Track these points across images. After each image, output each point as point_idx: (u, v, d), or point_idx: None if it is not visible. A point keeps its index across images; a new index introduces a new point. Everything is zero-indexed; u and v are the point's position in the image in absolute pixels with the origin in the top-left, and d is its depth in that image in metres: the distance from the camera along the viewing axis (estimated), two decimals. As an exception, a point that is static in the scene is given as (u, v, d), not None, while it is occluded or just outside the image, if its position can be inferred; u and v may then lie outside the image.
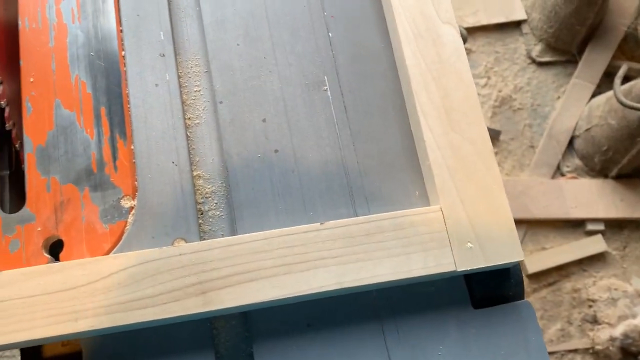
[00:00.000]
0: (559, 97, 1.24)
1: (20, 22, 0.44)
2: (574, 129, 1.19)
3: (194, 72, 0.45)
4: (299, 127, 0.43)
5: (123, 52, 0.44)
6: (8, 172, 0.42)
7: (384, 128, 0.43)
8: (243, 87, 0.44)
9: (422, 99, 0.41)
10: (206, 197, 0.42)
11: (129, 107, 0.43)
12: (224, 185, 0.42)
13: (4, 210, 0.41)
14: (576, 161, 1.19)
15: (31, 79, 0.43)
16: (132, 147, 0.42)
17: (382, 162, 0.42)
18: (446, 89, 0.41)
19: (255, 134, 0.43)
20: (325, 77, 0.45)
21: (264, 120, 0.43)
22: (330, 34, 0.46)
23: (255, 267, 0.37)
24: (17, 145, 0.43)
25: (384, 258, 0.37)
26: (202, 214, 0.41)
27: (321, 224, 0.38)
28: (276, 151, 0.43)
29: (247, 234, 0.38)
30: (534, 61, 1.27)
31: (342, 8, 0.46)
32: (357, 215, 0.41)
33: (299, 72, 0.45)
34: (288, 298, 0.37)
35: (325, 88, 0.44)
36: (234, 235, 0.40)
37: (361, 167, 0.42)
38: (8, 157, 0.43)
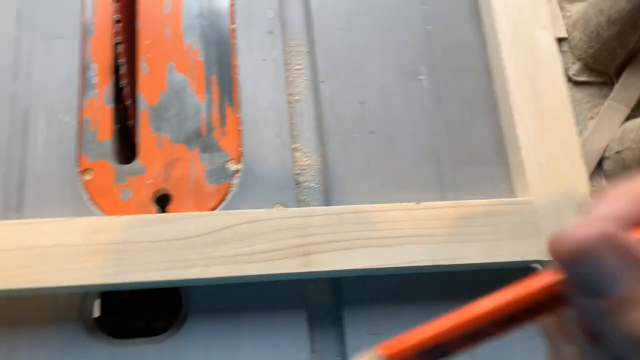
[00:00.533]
0: (592, 118, 1.26)
1: (139, -13, 0.47)
2: (605, 150, 1.22)
3: (296, 51, 0.48)
4: (394, 112, 0.46)
5: (234, 26, 0.47)
6: (118, 127, 0.45)
7: (474, 122, 0.46)
8: (344, 70, 0.47)
9: (518, 99, 0.43)
10: (302, 169, 0.44)
11: (237, 78, 0.45)
12: (321, 159, 0.45)
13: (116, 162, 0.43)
14: (603, 182, 1.22)
15: (147, 42, 0.46)
16: (239, 115, 0.44)
17: (471, 154, 0.45)
18: (541, 91, 0.44)
19: (353, 115, 0.45)
20: (422, 68, 0.47)
21: (361, 103, 0.46)
22: (428, 27, 0.48)
23: (353, 236, 0.40)
24: (127, 103, 0.45)
25: (474, 242, 0.40)
26: (298, 184, 0.44)
27: (417, 203, 0.41)
28: (372, 132, 0.45)
29: (348, 206, 0.41)
30: (570, 80, 1.29)
31: (440, 4, 0.49)
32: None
33: (396, 60, 0.47)
34: (382, 269, 0.39)
35: (421, 78, 0.47)
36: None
37: (452, 156, 0.45)
38: (117, 113, 0.45)
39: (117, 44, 0.44)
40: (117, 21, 0.44)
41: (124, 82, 0.44)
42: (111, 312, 0.42)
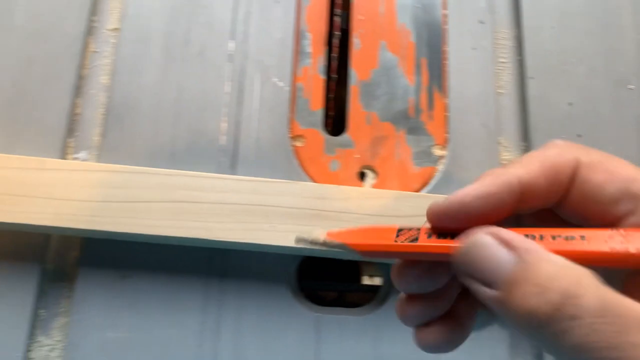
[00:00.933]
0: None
1: (355, -37, 0.47)
2: None
3: (501, 44, 0.47)
4: (603, 118, 0.45)
5: (445, 11, 0.47)
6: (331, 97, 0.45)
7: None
8: (554, 69, 0.46)
9: None
10: (503, 164, 0.44)
11: (446, 64, 0.45)
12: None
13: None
14: None
15: (361, 17, 0.46)
16: (447, 101, 0.44)
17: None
18: None
19: (561, 115, 0.45)
20: (632, 77, 0.46)
21: (570, 104, 0.45)
22: (639, 37, 0.47)
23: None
24: (333, 75, 0.45)
25: None
26: (497, 178, 0.43)
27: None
28: (579, 136, 0.44)
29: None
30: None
31: (654, 15, 0.48)
32: None
33: (605, 66, 0.46)
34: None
35: (630, 87, 0.46)
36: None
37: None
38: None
39: (334, 16, 0.44)
40: (339, -7, 0.44)
41: (334, 54, 0.45)
42: (306, 279, 0.43)
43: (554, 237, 0.21)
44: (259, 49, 0.44)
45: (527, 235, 0.21)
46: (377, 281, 0.47)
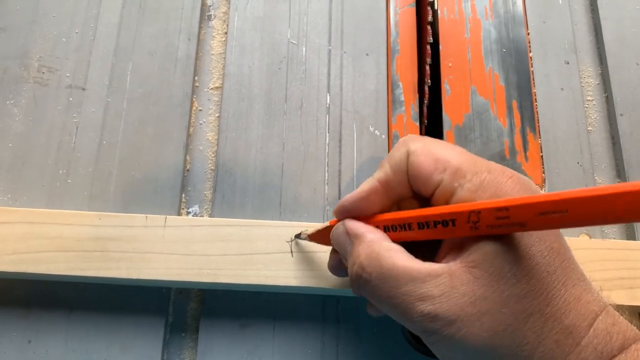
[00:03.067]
0: None
1: (439, 12, 0.49)
2: None
3: (586, 82, 0.48)
4: (698, 152, 0.45)
5: (530, 54, 0.48)
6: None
7: None
8: (642, 104, 0.47)
9: None
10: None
11: (536, 105, 0.46)
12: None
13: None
14: None
15: (449, 64, 0.47)
16: (540, 141, 0.45)
17: None
18: None
19: (654, 150, 0.45)
20: None
21: (662, 139, 0.46)
22: None
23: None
24: (425, 122, 0.47)
25: None
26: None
27: None
28: (675, 170, 0.45)
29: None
30: None
31: None
32: None
33: (694, 99, 0.47)
34: None
35: None
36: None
37: None
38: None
39: (427, 64, 0.46)
40: (429, 44, 0.46)
41: (426, 101, 0.46)
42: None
43: (394, 227, 0.30)
44: (354, 100, 0.46)
45: (386, 227, 0.30)
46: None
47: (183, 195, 0.44)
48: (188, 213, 0.43)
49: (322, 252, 0.39)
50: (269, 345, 0.40)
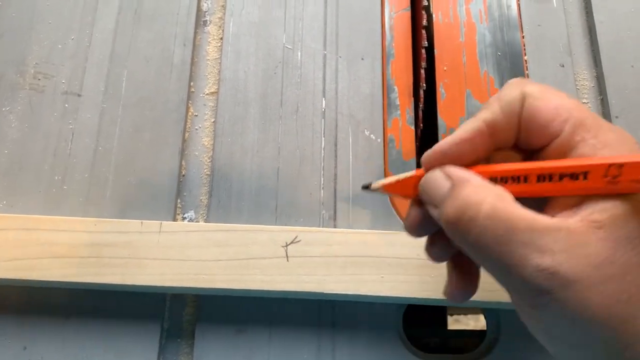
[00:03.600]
0: None
1: (434, 16, 0.49)
2: None
3: (581, 85, 0.48)
4: (694, 153, 0.45)
5: (525, 57, 0.48)
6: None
7: None
8: (638, 107, 0.47)
9: None
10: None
11: (531, 108, 0.46)
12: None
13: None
14: None
15: (444, 68, 0.47)
16: (535, 144, 0.45)
17: None
18: None
19: (650, 153, 0.45)
20: None
21: (658, 141, 0.45)
22: None
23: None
24: (420, 125, 0.47)
25: None
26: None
27: None
28: (671, 172, 0.45)
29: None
30: None
31: None
32: None
33: (689, 101, 0.47)
34: None
35: None
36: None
37: None
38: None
39: (422, 68, 0.46)
40: (424, 48, 0.46)
41: (422, 106, 0.46)
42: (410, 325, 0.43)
43: (511, 179, 0.26)
44: (349, 104, 0.46)
45: (492, 179, 0.26)
46: (481, 325, 0.47)
47: (179, 201, 0.44)
48: (184, 218, 0.43)
49: (319, 257, 0.39)
50: (265, 351, 0.40)
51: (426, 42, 0.46)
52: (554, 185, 0.25)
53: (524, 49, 0.48)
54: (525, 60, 0.48)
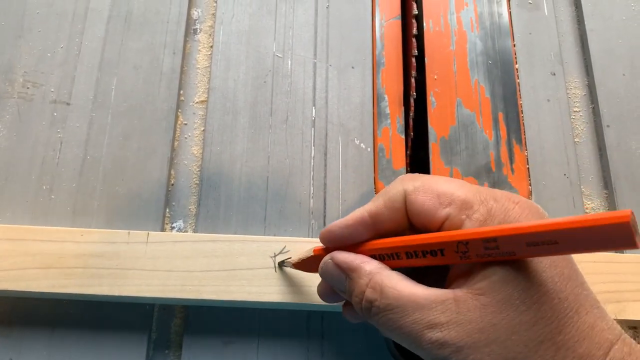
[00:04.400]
0: None
1: (424, 24, 0.49)
2: None
3: (572, 93, 0.48)
4: (685, 163, 0.45)
5: (517, 65, 0.48)
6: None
7: None
8: (629, 116, 0.46)
9: None
10: (586, 213, 0.44)
11: (522, 116, 0.46)
12: (606, 204, 0.44)
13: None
14: None
15: (435, 77, 0.47)
16: (526, 153, 0.45)
17: None
18: None
19: (641, 162, 0.45)
20: None
21: (650, 150, 0.45)
22: None
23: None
24: (411, 134, 0.47)
25: None
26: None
27: None
28: (662, 181, 0.44)
29: (656, 255, 0.40)
30: None
31: None
32: None
33: (681, 110, 0.47)
34: None
35: None
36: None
37: None
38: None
39: (412, 77, 0.46)
40: (414, 56, 0.46)
41: (412, 114, 0.46)
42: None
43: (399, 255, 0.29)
44: (339, 113, 0.46)
45: (374, 256, 0.30)
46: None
47: (167, 210, 0.43)
48: (172, 228, 0.43)
49: (306, 267, 0.39)
50: (253, 362, 0.39)
51: (416, 51, 0.46)
52: (421, 260, 0.28)
53: (515, 58, 0.48)
54: (517, 69, 0.48)
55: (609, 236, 0.21)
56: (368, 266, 0.29)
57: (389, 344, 0.40)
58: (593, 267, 0.39)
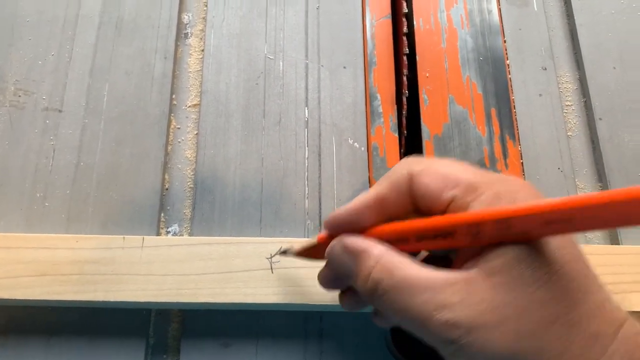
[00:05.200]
0: None
1: (415, 23, 0.49)
2: None
3: (564, 87, 0.48)
4: (677, 154, 0.45)
5: (508, 61, 0.48)
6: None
7: None
8: (620, 108, 0.47)
9: None
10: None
11: (515, 112, 0.46)
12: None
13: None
14: None
15: (427, 74, 0.47)
16: (519, 148, 0.45)
17: None
18: None
19: (635, 154, 0.45)
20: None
21: (642, 142, 0.45)
22: None
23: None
24: (404, 132, 0.47)
25: None
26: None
27: None
28: (656, 173, 0.44)
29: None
30: None
31: None
32: None
33: (672, 101, 0.47)
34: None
35: (701, 120, 0.46)
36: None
37: None
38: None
39: (404, 75, 0.46)
40: (406, 54, 0.46)
41: (405, 112, 0.46)
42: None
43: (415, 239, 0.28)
44: (332, 113, 0.46)
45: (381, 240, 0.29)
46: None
47: (162, 215, 0.43)
48: (167, 232, 0.43)
49: (304, 268, 0.39)
50: (252, 364, 0.39)
51: (408, 49, 0.46)
52: (432, 242, 0.27)
53: (506, 54, 0.48)
54: (508, 65, 0.48)
55: (626, 212, 0.21)
56: (376, 249, 0.29)
57: (388, 344, 0.40)
58: (590, 259, 0.39)
